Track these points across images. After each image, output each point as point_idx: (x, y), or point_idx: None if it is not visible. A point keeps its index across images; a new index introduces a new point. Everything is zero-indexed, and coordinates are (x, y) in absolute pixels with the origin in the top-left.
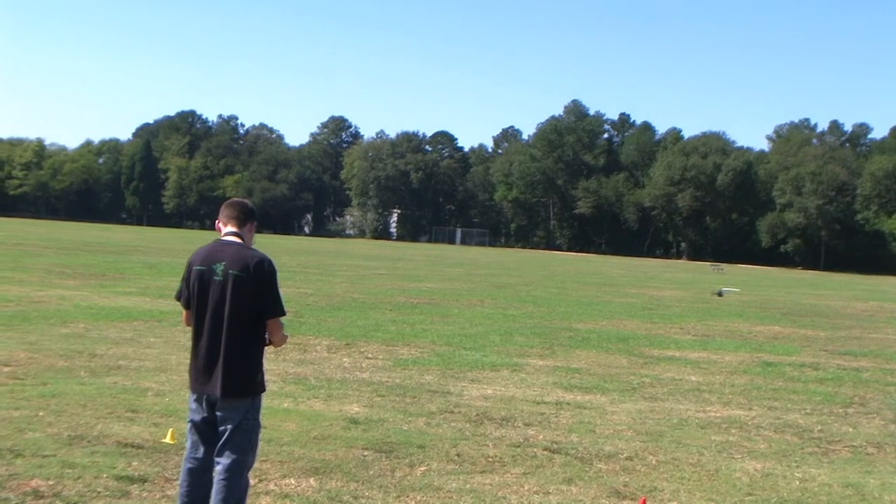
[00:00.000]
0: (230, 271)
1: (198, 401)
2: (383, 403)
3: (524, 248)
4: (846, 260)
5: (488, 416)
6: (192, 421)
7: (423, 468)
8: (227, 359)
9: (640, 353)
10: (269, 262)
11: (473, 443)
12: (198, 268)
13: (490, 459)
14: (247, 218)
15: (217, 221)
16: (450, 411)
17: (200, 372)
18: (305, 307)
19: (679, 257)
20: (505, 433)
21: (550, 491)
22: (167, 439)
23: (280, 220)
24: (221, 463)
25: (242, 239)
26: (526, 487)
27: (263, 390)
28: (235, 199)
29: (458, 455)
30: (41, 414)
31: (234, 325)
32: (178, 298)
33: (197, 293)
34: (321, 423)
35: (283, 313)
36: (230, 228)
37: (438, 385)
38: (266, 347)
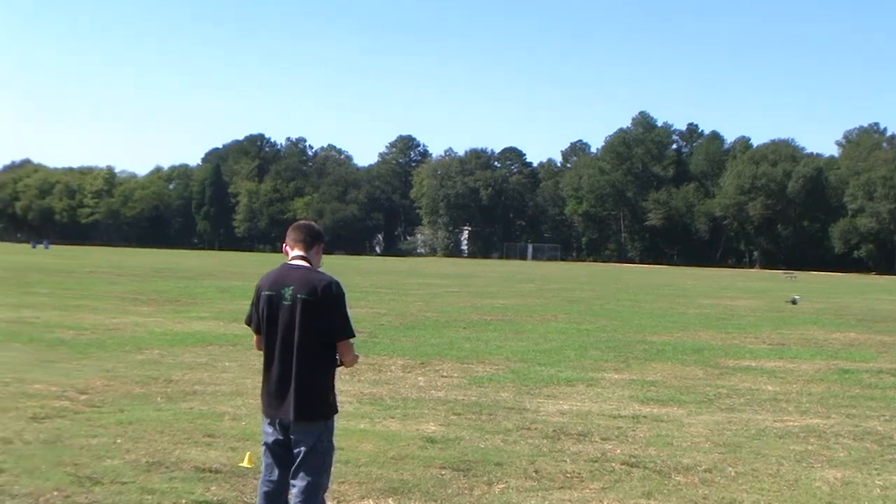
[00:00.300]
0: (298, 295)
1: (271, 424)
2: (459, 422)
3: (596, 261)
4: None
5: (565, 431)
6: (266, 444)
7: (501, 486)
8: (298, 383)
9: (716, 364)
10: (337, 284)
11: (551, 459)
12: (266, 293)
13: (568, 475)
14: (314, 241)
15: (284, 245)
16: (526, 428)
17: (273, 396)
18: (379, 327)
19: (751, 266)
20: (582, 448)
21: None
22: (244, 463)
23: (351, 240)
24: (297, 486)
25: (310, 262)
26: (605, 503)
27: (336, 412)
28: (302, 221)
29: (535, 472)
30: (119, 441)
31: (304, 348)
32: (249, 323)
33: (266, 318)
34: (398, 443)
35: (352, 335)
36: (297, 252)
37: (514, 402)
38: (338, 368)
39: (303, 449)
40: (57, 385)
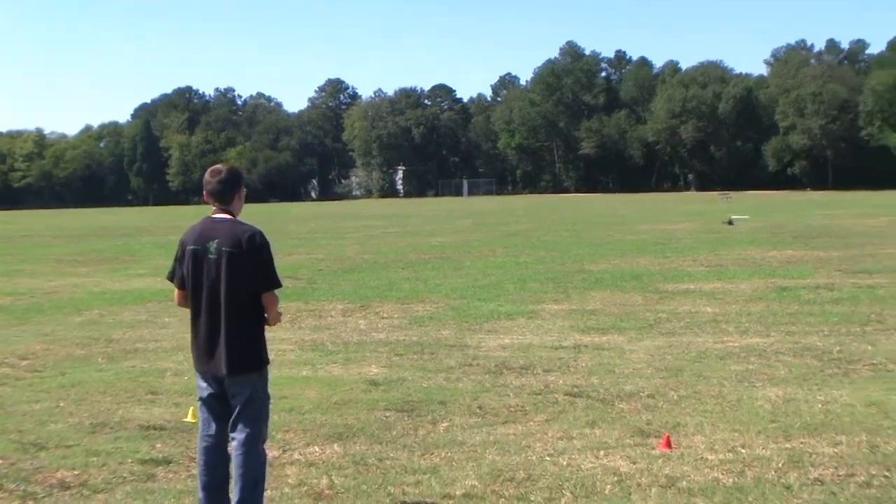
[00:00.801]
0: (223, 248)
1: (205, 379)
2: (402, 363)
3: (532, 193)
4: (854, 177)
5: (507, 365)
6: (201, 398)
7: (445, 424)
8: (228, 337)
9: (655, 289)
10: (261, 234)
11: (494, 394)
12: (192, 247)
13: (512, 409)
14: (231, 190)
15: (204, 193)
16: (468, 364)
17: (203, 351)
18: (318, 272)
19: (687, 189)
20: (525, 381)
21: (574, 435)
22: (189, 418)
23: (286, 187)
24: (237, 438)
25: (232, 213)
26: (549, 434)
27: (268, 363)
28: (216, 170)
29: (479, 408)
30: (62, 404)
31: (232, 302)
32: (171, 279)
33: (192, 273)
34: (341, 388)
35: (277, 286)
36: (218, 206)
37: (455, 339)
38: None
39: (239, 401)
40: None
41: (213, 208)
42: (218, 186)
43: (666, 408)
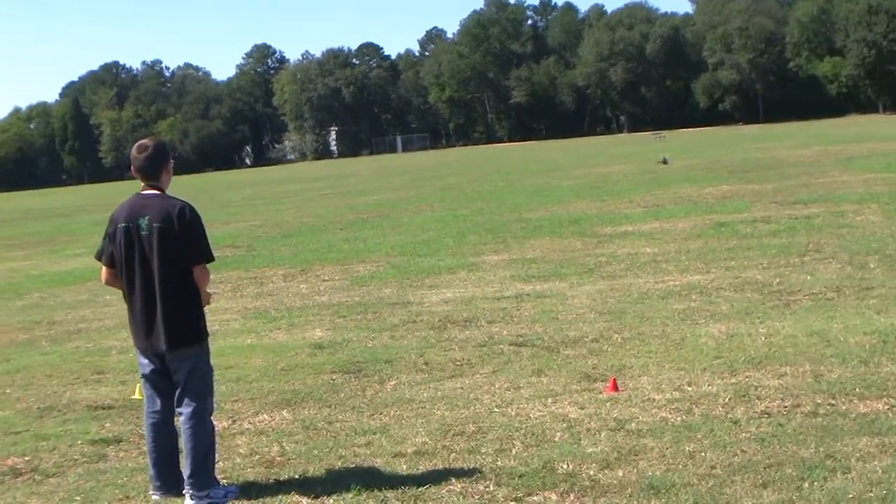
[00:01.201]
0: (154, 224)
1: (146, 355)
2: (345, 324)
3: (466, 146)
4: (785, 109)
5: (451, 319)
6: (144, 375)
7: (392, 382)
8: (165, 313)
9: (594, 233)
10: (191, 208)
11: (439, 349)
12: (123, 224)
13: (458, 363)
14: (158, 166)
15: (132, 169)
16: (412, 321)
17: (141, 328)
18: (256, 239)
19: (620, 131)
20: (469, 334)
21: (521, 385)
22: (136, 395)
23: (220, 156)
24: (183, 412)
25: (161, 189)
26: (497, 385)
27: (207, 336)
28: (143, 146)
29: (425, 364)
30: (8, 390)
31: (166, 277)
32: (100, 258)
33: (125, 250)
34: (287, 354)
35: (209, 259)
36: (146, 181)
37: (398, 297)
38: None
39: (182, 376)
40: None
41: (143, 184)
42: (145, 163)
43: (611, 351)
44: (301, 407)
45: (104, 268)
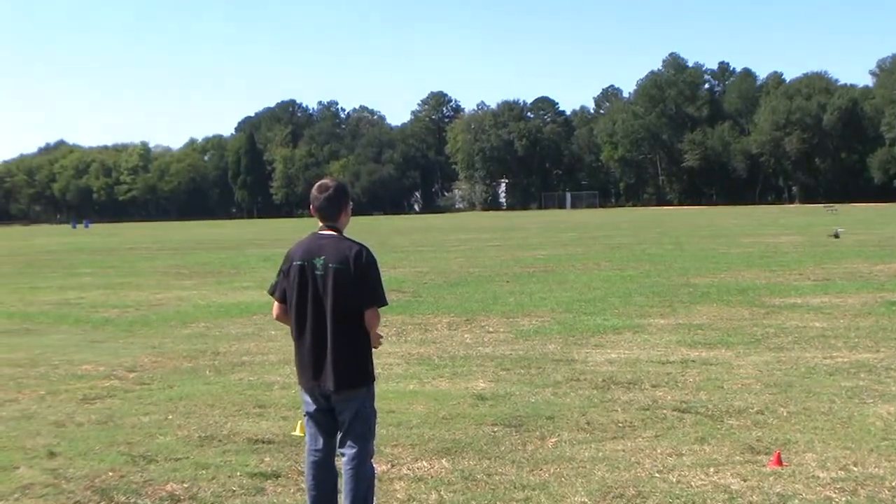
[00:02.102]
0: (330, 265)
1: (311, 394)
2: (509, 377)
3: (635, 206)
4: None
5: (615, 380)
6: (307, 413)
7: (554, 439)
8: (335, 352)
9: (762, 303)
10: (368, 251)
11: (602, 409)
12: (298, 262)
13: (620, 425)
14: (338, 208)
15: (311, 208)
16: (576, 379)
17: (309, 367)
18: (422, 286)
19: (791, 202)
20: (633, 397)
21: (683, 452)
22: (297, 432)
23: (389, 200)
24: (346, 454)
25: (338, 230)
26: (658, 450)
27: (374, 379)
28: (324, 185)
29: (587, 423)
30: (170, 417)
31: (337, 318)
32: (273, 293)
33: (298, 288)
34: (448, 403)
35: (380, 303)
36: (325, 221)
37: (562, 353)
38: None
39: (347, 418)
40: (105, 365)
41: (321, 224)
42: (325, 203)
43: (776, 424)
44: (461, 457)
45: (276, 303)
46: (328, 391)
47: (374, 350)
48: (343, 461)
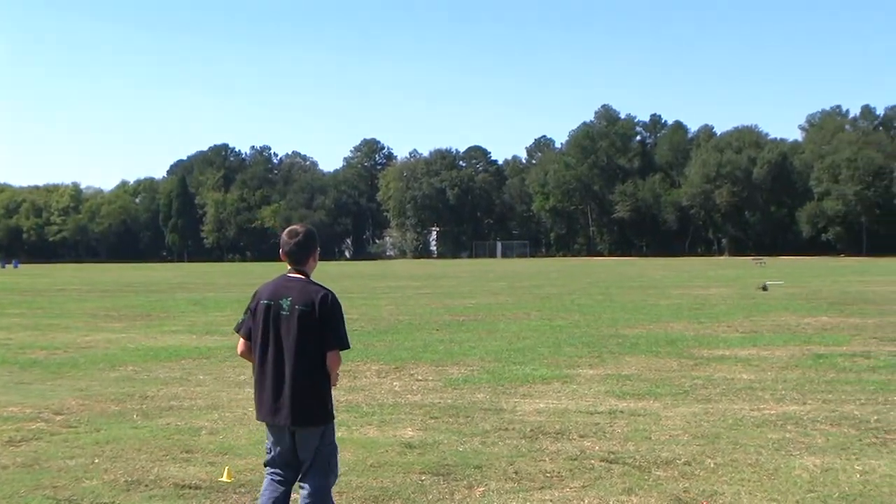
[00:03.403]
0: (296, 306)
1: (272, 429)
2: (437, 425)
3: (565, 256)
4: (889, 244)
5: (543, 430)
6: (269, 448)
7: (481, 489)
8: (293, 390)
9: (690, 355)
10: (333, 296)
11: (530, 459)
12: (265, 302)
13: (548, 475)
14: (307, 253)
15: (280, 253)
16: (504, 428)
17: (268, 403)
18: (352, 332)
19: (721, 254)
20: (561, 447)
21: (611, 502)
22: (224, 478)
23: (320, 246)
24: (306, 488)
25: (306, 274)
26: (586, 501)
27: (333, 418)
28: (294, 231)
29: (515, 473)
30: (97, 461)
31: (299, 357)
32: (238, 330)
33: (263, 326)
34: (376, 451)
35: (341, 347)
36: (293, 266)
37: (491, 402)
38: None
39: (307, 455)
40: (32, 407)
41: (289, 267)
42: (294, 248)
43: (703, 476)
44: None
45: (241, 340)
46: (284, 425)
47: (333, 388)
48: (302, 494)
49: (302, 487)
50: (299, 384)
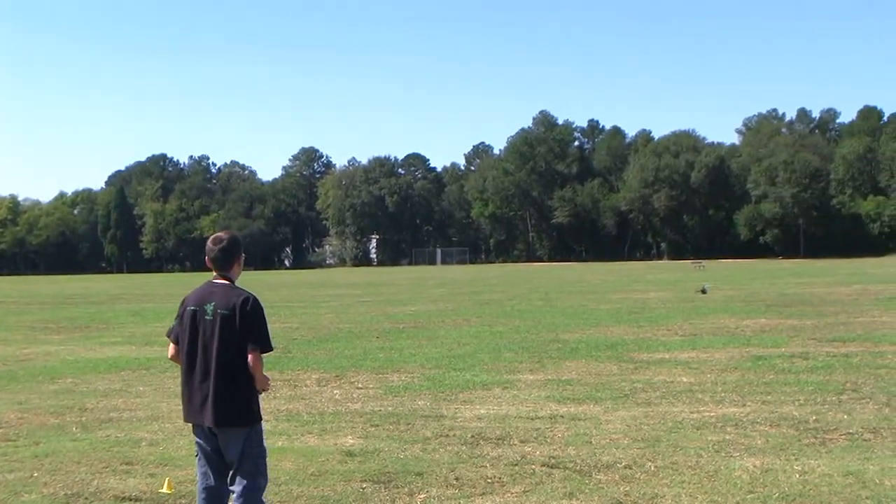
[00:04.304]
0: (219, 311)
1: (199, 432)
2: (378, 433)
3: (505, 262)
4: (826, 245)
5: (484, 436)
6: (197, 452)
7: (422, 496)
8: (216, 392)
9: (630, 359)
10: (255, 299)
11: (471, 465)
12: (191, 308)
13: (489, 480)
14: (230, 259)
15: (206, 259)
16: (445, 435)
17: (193, 405)
18: (292, 341)
19: (660, 258)
20: (502, 452)
21: None
22: (164, 489)
23: (259, 255)
24: (235, 491)
25: (230, 279)
26: None
27: (259, 420)
28: (218, 238)
29: (456, 479)
30: (36, 475)
31: (222, 360)
32: (169, 335)
33: (189, 331)
34: (317, 459)
35: (263, 348)
36: (218, 272)
37: (431, 409)
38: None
39: (234, 455)
40: None
41: (215, 273)
42: (219, 254)
43: (643, 479)
44: None
45: (171, 344)
46: (208, 427)
47: (263, 392)
48: (233, 497)
49: (231, 491)
50: (222, 386)
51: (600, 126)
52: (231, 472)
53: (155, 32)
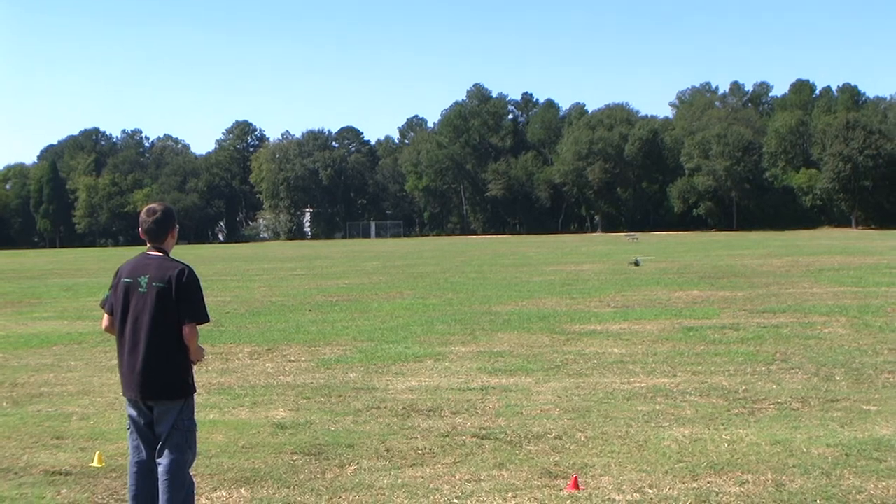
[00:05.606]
0: (153, 283)
1: (134, 405)
2: (309, 406)
3: (439, 235)
4: (758, 218)
5: (415, 408)
6: (130, 425)
7: (353, 467)
8: (148, 364)
9: (562, 331)
10: (190, 270)
11: (402, 437)
12: (125, 280)
13: (420, 452)
14: (164, 230)
15: (139, 231)
16: (376, 407)
17: (128, 377)
18: (225, 315)
19: (594, 230)
20: (433, 424)
21: (482, 478)
22: (95, 463)
23: (193, 229)
24: (162, 463)
25: (164, 251)
26: (457, 476)
27: (193, 392)
28: (152, 209)
29: (387, 451)
30: None
31: (156, 332)
32: (103, 306)
33: (122, 303)
34: (248, 432)
35: (199, 320)
36: (152, 243)
37: (363, 382)
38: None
39: (165, 428)
40: None
41: (148, 245)
42: (153, 226)
43: (573, 449)
44: (260, 486)
45: (105, 315)
46: (140, 399)
47: (198, 363)
48: (160, 471)
49: (159, 463)
50: (155, 359)
51: (534, 99)
52: (160, 445)
53: (87, 4)
